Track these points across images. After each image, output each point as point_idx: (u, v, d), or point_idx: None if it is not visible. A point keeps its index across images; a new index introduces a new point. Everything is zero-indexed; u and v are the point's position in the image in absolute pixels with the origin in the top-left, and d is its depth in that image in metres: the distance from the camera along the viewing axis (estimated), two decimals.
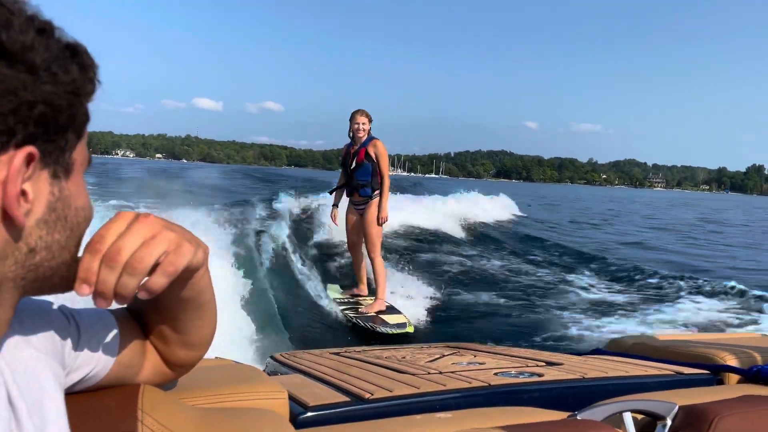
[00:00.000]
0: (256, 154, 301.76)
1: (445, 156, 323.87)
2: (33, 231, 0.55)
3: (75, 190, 0.59)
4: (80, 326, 0.75)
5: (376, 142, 5.87)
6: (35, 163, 0.53)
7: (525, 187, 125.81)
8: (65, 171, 0.58)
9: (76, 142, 0.59)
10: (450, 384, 1.40)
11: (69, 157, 0.58)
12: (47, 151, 0.55)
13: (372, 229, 5.82)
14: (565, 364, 1.69)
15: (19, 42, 0.51)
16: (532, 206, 27.67)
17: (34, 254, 0.56)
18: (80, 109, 0.58)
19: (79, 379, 0.75)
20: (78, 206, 0.60)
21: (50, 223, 0.57)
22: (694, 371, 1.64)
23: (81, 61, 0.57)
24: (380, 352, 2.06)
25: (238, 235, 7.39)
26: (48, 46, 0.54)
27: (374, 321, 5.50)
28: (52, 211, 0.57)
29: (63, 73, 0.55)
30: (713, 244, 16.51)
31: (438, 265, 8.96)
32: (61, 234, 0.58)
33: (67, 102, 0.55)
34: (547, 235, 14.84)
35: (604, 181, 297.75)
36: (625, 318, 6.61)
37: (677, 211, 38.54)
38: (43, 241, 0.56)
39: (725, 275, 9.59)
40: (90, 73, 0.59)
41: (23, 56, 0.51)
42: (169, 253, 0.65)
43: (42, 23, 0.55)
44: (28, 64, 0.52)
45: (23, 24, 0.52)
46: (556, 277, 8.98)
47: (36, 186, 0.54)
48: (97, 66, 0.60)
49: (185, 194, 14.30)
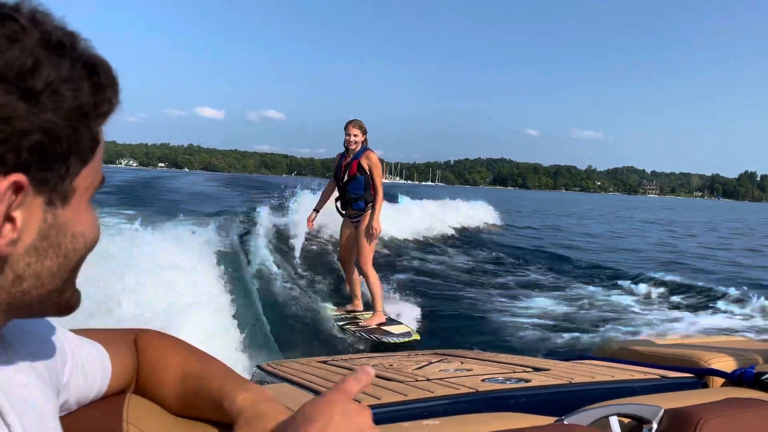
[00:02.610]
0: (257, 162, 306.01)
1: (445, 164, 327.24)
2: (21, 258, 0.52)
3: (73, 216, 0.55)
4: (74, 351, 0.74)
5: (370, 154, 5.72)
6: (26, 190, 0.50)
7: (517, 194, 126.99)
8: (63, 197, 0.53)
9: (81, 167, 0.54)
10: (438, 391, 1.40)
11: (69, 184, 0.53)
12: (42, 178, 0.51)
13: (364, 241, 5.72)
14: (551, 369, 1.70)
15: (18, 65, 0.47)
16: (512, 212, 28.05)
17: (21, 281, 0.53)
18: (86, 134, 0.53)
19: (64, 401, 0.74)
20: (76, 232, 0.56)
21: (41, 250, 0.53)
22: (679, 375, 1.65)
23: (97, 80, 0.53)
24: (367, 360, 2.06)
25: (224, 245, 7.33)
26: (58, 65, 0.50)
27: (377, 333, 5.44)
28: (43, 239, 0.53)
29: (71, 95, 0.50)
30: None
31: (419, 273, 8.98)
32: (52, 261, 0.54)
33: (70, 129, 0.51)
34: (527, 242, 15.04)
35: (598, 188, 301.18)
36: (610, 323, 6.66)
37: (641, 214, 40.64)
38: (32, 268, 0.53)
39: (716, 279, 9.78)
40: (107, 93, 0.54)
41: (21, 81, 0.48)
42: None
43: (59, 38, 0.51)
44: (26, 90, 0.48)
45: (34, 42, 0.49)
46: (540, 283, 9.04)
47: (27, 213, 0.51)
48: (118, 85, 0.55)
49: (170, 203, 14.20)
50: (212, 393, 0.80)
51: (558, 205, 53.05)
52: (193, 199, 19.51)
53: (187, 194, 21.77)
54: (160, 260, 5.15)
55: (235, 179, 47.25)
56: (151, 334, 0.90)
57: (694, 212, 52.92)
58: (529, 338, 5.89)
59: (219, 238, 7.44)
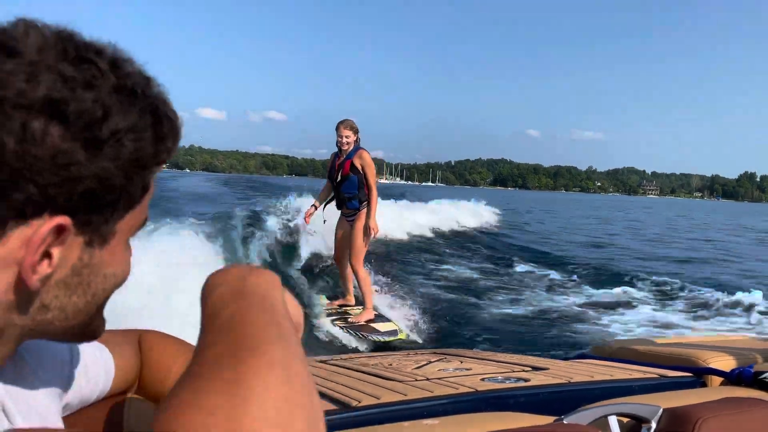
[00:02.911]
0: (258, 163, 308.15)
1: (446, 164, 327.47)
2: (51, 290, 0.51)
3: (109, 257, 0.54)
4: (77, 351, 0.75)
5: (362, 153, 5.71)
6: (69, 232, 0.49)
7: (515, 194, 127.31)
8: (102, 240, 0.53)
9: (126, 213, 0.53)
10: (437, 390, 1.40)
11: (111, 227, 0.53)
12: (87, 221, 0.50)
13: (358, 239, 5.72)
14: (550, 368, 1.70)
15: (88, 115, 0.46)
16: (506, 212, 28.27)
17: (47, 311, 0.53)
18: (139, 182, 0.52)
19: (67, 402, 0.74)
20: (108, 273, 0.55)
21: (71, 286, 0.53)
22: (677, 374, 1.65)
23: (161, 131, 0.52)
24: (367, 359, 2.06)
25: (220, 245, 7.32)
26: (127, 114, 0.49)
27: (364, 330, 5.46)
28: (75, 276, 0.52)
29: (132, 146, 0.49)
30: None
31: (416, 273, 8.98)
32: (79, 298, 0.54)
33: (124, 178, 0.50)
34: (523, 241, 15.09)
35: (598, 188, 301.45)
36: (609, 323, 6.67)
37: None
38: (59, 300, 0.53)
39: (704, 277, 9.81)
40: (167, 144, 0.53)
41: (88, 131, 0.46)
42: None
43: (133, 85, 0.50)
44: (91, 139, 0.47)
45: (108, 89, 0.48)
46: (536, 282, 9.05)
47: (65, 251, 0.50)
48: (179, 135, 0.54)
49: (167, 204, 14.17)
50: None
51: (547, 205, 53.37)
52: (190, 200, 19.48)
53: (184, 194, 21.71)
54: (158, 260, 5.14)
55: (232, 180, 47.24)
56: (154, 335, 0.90)
57: (670, 212, 53.69)
58: (528, 337, 5.90)
59: (215, 237, 7.43)
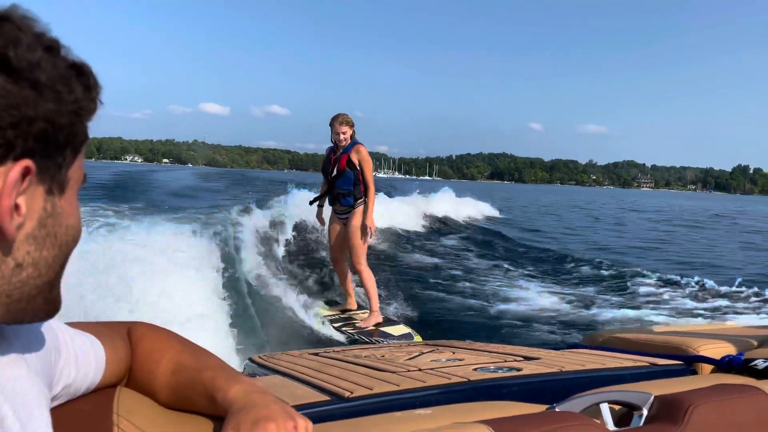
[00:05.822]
0: (260, 158, 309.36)
1: (447, 159, 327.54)
2: (21, 245, 0.55)
3: (67, 208, 0.59)
4: (68, 343, 0.75)
5: (360, 148, 5.51)
6: (31, 177, 0.54)
7: (511, 187, 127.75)
8: (60, 187, 0.58)
9: (73, 160, 0.59)
10: (429, 380, 1.40)
11: (65, 174, 0.58)
12: (44, 166, 0.55)
13: (356, 239, 5.53)
14: (542, 358, 1.71)
15: (26, 59, 0.52)
16: (500, 206, 28.49)
17: (21, 270, 0.56)
18: (80, 129, 0.58)
19: (56, 393, 0.74)
20: (69, 224, 0.60)
21: (39, 239, 0.56)
22: (668, 362, 1.66)
23: (85, 81, 0.58)
24: (359, 351, 2.06)
25: (215, 242, 7.27)
26: (54, 64, 0.55)
27: (376, 335, 5.27)
28: (42, 227, 0.56)
29: (67, 92, 0.55)
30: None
31: (409, 267, 9.00)
32: (49, 251, 0.58)
33: (68, 121, 0.56)
34: (513, 234, 15.16)
35: (593, 182, 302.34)
36: (600, 312, 6.71)
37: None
38: (31, 256, 0.56)
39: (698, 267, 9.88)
40: (93, 93, 0.59)
41: (29, 73, 0.52)
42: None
43: (49, 41, 0.55)
44: (33, 81, 0.52)
45: (31, 42, 0.53)
46: (529, 275, 9.09)
47: (30, 200, 0.55)
48: (101, 87, 0.61)
49: (162, 198, 14.11)
50: (204, 385, 0.81)
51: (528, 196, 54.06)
52: (183, 194, 19.39)
53: (176, 189, 21.60)
54: (150, 257, 5.10)
55: (227, 174, 47.02)
56: (144, 327, 0.90)
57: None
58: (520, 328, 5.92)
59: (210, 235, 7.39)
